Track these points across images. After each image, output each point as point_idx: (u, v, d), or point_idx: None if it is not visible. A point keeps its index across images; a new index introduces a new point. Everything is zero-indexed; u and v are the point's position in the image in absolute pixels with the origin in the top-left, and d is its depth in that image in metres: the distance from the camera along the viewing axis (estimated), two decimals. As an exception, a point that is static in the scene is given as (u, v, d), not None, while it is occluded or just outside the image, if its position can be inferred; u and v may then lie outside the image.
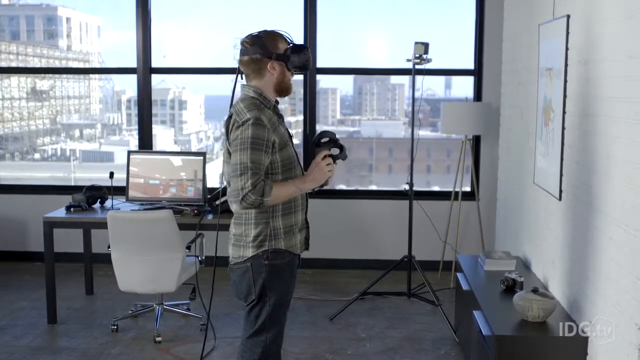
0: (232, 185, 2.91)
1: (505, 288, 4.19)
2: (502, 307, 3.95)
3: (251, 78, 3.08)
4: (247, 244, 3.03)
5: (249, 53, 3.02)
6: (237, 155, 2.89)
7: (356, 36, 7.20)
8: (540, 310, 3.60)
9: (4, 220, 6.83)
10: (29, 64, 7.97)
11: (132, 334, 4.99)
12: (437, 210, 6.28)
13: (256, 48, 3.01)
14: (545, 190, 4.41)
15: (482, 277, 4.60)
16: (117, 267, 4.76)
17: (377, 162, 8.08)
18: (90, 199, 5.35)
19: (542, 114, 4.54)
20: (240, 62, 3.07)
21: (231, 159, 2.93)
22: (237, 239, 3.07)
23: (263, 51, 3.01)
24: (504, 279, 4.23)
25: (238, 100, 3.06)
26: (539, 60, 4.65)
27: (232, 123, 2.96)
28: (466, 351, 4.51)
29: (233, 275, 3.11)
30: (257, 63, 3.04)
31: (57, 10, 8.11)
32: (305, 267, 6.54)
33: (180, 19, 7.26)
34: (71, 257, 6.25)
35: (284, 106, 8.34)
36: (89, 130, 8.71)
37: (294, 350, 4.70)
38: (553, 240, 4.23)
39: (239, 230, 3.06)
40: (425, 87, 5.72)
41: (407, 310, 5.50)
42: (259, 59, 3.03)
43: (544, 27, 4.56)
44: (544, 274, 4.41)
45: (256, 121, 2.91)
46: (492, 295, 4.20)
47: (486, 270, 4.65)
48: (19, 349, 4.73)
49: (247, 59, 3.04)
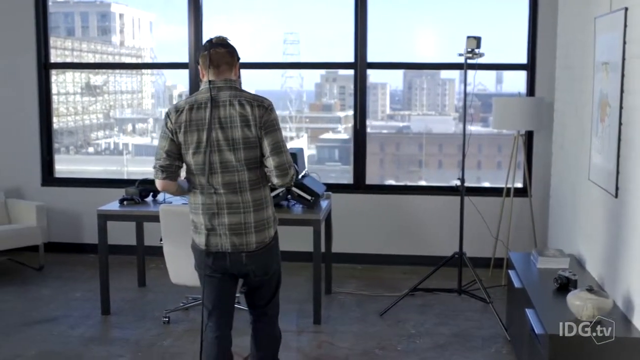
0: (276, 161, 3.25)
1: (558, 286, 4.12)
2: (556, 306, 3.89)
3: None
4: (270, 226, 3.38)
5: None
6: (277, 135, 3.27)
7: (406, 30, 7.15)
8: (595, 310, 3.53)
9: (59, 213, 6.98)
10: (84, 59, 8.11)
11: (183, 327, 5.05)
12: (489, 206, 6.22)
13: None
14: (600, 187, 4.32)
15: (534, 274, 4.53)
16: (169, 259, 4.82)
17: (426, 157, 8.01)
18: (143, 193, 5.43)
19: (597, 110, 4.45)
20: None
21: (268, 138, 3.25)
22: (259, 224, 3.33)
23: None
24: (557, 277, 4.15)
25: (236, 89, 3.33)
26: (595, 54, 4.55)
27: (255, 106, 3.25)
28: (517, 350, 4.45)
29: (260, 258, 3.38)
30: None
31: (111, 6, 8.23)
32: (355, 262, 6.59)
33: (230, 14, 7.30)
34: (124, 249, 6.35)
35: (333, 101, 8.33)
36: (141, 125, 8.82)
37: (343, 345, 4.71)
38: (609, 238, 4.15)
39: (260, 216, 3.33)
40: (477, 81, 5.66)
41: (457, 307, 5.45)
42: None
43: (600, 20, 4.46)
44: (598, 272, 4.33)
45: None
46: (545, 293, 4.14)
47: (539, 268, 4.58)
48: (73, 339, 4.83)
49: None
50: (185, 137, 3.26)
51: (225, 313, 3.52)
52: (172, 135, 3.29)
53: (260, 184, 3.33)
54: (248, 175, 3.28)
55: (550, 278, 4.23)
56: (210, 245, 3.33)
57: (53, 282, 6.13)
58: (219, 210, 3.29)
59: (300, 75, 7.98)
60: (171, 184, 3.35)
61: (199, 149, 3.26)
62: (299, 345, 4.71)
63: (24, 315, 5.30)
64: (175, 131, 3.28)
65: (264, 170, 3.32)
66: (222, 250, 3.33)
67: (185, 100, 3.35)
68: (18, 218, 6.60)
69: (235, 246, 3.31)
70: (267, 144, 3.24)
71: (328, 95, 8.37)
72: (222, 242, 3.32)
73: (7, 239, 6.25)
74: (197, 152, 3.26)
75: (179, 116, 3.27)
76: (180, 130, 3.27)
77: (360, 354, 4.58)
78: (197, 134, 3.25)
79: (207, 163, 3.25)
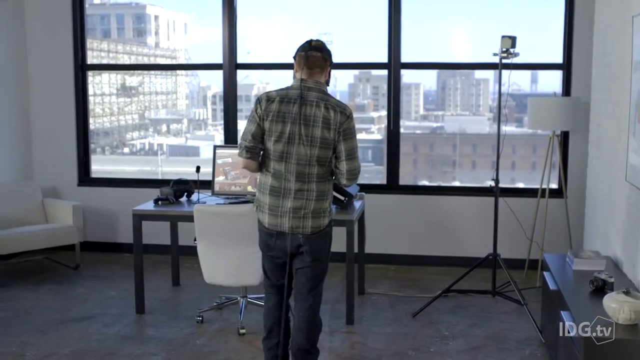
0: (349, 166, 3.65)
1: (594, 289, 4.06)
2: (591, 309, 3.82)
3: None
4: (325, 215, 3.71)
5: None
6: (352, 142, 3.66)
7: (440, 30, 7.11)
8: (632, 313, 3.47)
9: (95, 212, 7.07)
10: (119, 60, 8.19)
11: (216, 326, 5.08)
12: (523, 207, 6.16)
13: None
14: (638, 188, 4.25)
15: (570, 276, 4.48)
16: (203, 259, 4.85)
17: (460, 158, 7.96)
18: (178, 193, 5.47)
19: (635, 109, 4.38)
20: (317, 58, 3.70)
21: (346, 144, 3.62)
22: (317, 212, 3.66)
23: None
24: (593, 279, 4.10)
25: (324, 93, 3.68)
26: (633, 53, 4.48)
27: (338, 113, 3.60)
28: (552, 352, 4.40)
29: (314, 241, 3.69)
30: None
31: (146, 8, 8.30)
32: (388, 263, 6.58)
33: (264, 14, 7.33)
34: (159, 249, 6.41)
35: (367, 101, 8.32)
36: (176, 125, 8.88)
37: (376, 346, 4.70)
38: (646, 240, 4.08)
39: (318, 205, 3.66)
40: (511, 81, 5.61)
41: (491, 308, 5.41)
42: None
43: (638, 18, 4.40)
44: (636, 274, 4.26)
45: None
46: (580, 295, 4.08)
47: (574, 270, 4.52)
48: (109, 337, 4.88)
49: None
50: (271, 125, 3.62)
51: (282, 284, 3.83)
52: (259, 121, 3.65)
53: (326, 178, 3.70)
54: (317, 169, 3.64)
55: (585, 280, 4.17)
56: (272, 224, 3.69)
57: (89, 281, 6.21)
58: (285, 194, 3.64)
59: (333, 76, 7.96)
60: (253, 163, 3.74)
61: (280, 138, 3.61)
62: (331, 346, 4.71)
63: (60, 313, 5.37)
64: (263, 118, 3.64)
65: (331, 167, 3.71)
66: (282, 230, 3.67)
67: (277, 92, 3.69)
68: (55, 217, 6.70)
69: (292, 228, 3.64)
70: (344, 149, 3.63)
71: (361, 95, 8.36)
72: (282, 222, 3.66)
73: (44, 238, 6.35)
74: (278, 140, 3.61)
75: (269, 105, 3.63)
76: (267, 118, 3.62)
77: (393, 355, 4.56)
78: (282, 125, 3.60)
79: (284, 152, 3.62)
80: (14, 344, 4.74)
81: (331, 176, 3.75)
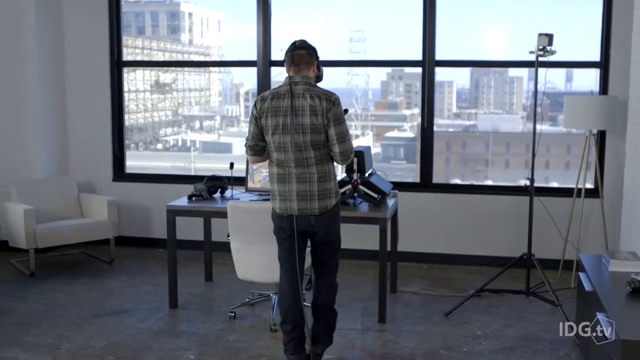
0: (341, 148, 3.93)
1: (631, 290, 4.00)
2: (628, 310, 3.78)
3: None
4: (331, 196, 4.02)
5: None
6: (342, 126, 3.94)
7: (474, 28, 7.05)
8: (670, 315, 3.42)
9: (129, 208, 7.14)
10: (153, 57, 8.26)
11: (248, 322, 5.10)
12: (558, 207, 6.10)
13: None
14: (677, 189, 4.18)
15: (606, 277, 4.41)
16: (236, 255, 4.87)
17: (493, 156, 7.90)
18: (211, 189, 5.50)
19: (675, 109, 4.30)
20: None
21: (335, 129, 3.90)
22: (322, 193, 3.97)
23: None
24: (630, 280, 4.03)
25: (310, 85, 3.97)
26: (673, 51, 4.40)
27: (323, 100, 3.89)
28: (586, 354, 4.34)
29: (323, 220, 4.01)
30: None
31: (180, 5, 8.36)
32: (421, 261, 6.55)
33: (298, 12, 7.34)
34: (192, 244, 6.46)
35: (399, 99, 8.29)
36: (209, 122, 8.93)
37: (408, 345, 4.68)
38: (685, 242, 4.01)
39: (322, 187, 3.97)
40: (546, 80, 5.54)
41: (525, 309, 5.36)
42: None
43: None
44: (674, 276, 4.18)
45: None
46: (617, 297, 4.02)
47: (611, 271, 4.45)
48: (142, 331, 4.93)
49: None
50: (267, 120, 3.96)
51: (295, 269, 4.08)
52: (256, 121, 4.02)
53: (324, 160, 4.00)
54: (314, 153, 3.94)
55: (622, 281, 4.11)
56: (283, 209, 4.01)
57: (123, 275, 6.28)
58: (289, 180, 3.97)
59: (366, 73, 7.97)
60: (259, 158, 4.18)
61: (276, 130, 3.94)
62: (363, 344, 4.70)
63: (94, 307, 5.44)
64: (259, 117, 4.00)
65: (327, 150, 3.98)
66: (291, 214, 3.99)
67: (270, 91, 4.06)
68: (90, 212, 6.77)
69: (301, 210, 3.97)
70: (335, 133, 3.91)
71: (394, 93, 8.33)
72: (291, 206, 3.98)
73: (79, 232, 6.43)
74: (275, 133, 3.95)
75: (263, 104, 3.98)
76: (263, 115, 3.97)
77: (425, 354, 4.54)
78: (276, 118, 3.93)
79: (282, 142, 3.93)
80: (50, 336, 4.81)
81: (329, 158, 4.02)
